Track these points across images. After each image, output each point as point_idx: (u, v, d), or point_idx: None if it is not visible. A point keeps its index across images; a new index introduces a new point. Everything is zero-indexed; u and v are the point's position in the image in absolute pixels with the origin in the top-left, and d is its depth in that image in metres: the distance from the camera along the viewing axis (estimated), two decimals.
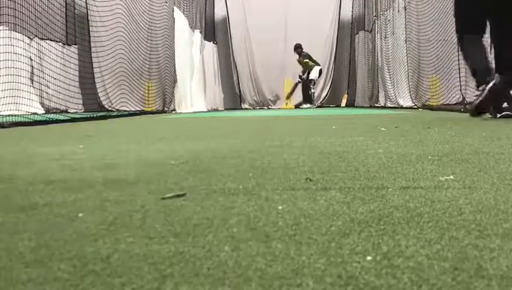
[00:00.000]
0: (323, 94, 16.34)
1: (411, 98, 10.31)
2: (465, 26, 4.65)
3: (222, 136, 3.32)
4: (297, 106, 14.64)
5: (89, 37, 10.12)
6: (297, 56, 14.64)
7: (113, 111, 9.62)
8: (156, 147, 2.50)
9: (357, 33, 15.00)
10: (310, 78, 14.50)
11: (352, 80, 15.34)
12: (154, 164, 1.82)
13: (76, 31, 10.00)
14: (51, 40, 8.73)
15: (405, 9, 10.56)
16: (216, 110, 13.04)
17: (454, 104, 9.12)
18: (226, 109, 14.14)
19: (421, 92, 10.34)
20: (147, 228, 0.92)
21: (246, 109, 15.25)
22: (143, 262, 0.73)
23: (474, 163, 1.67)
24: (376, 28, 12.79)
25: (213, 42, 14.08)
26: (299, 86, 14.78)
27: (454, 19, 4.74)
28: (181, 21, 10.78)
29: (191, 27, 11.43)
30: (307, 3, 15.21)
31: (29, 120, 5.18)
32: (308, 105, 14.26)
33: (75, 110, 8.76)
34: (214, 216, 1.00)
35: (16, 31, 7.98)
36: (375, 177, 1.42)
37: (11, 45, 7.67)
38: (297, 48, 14.64)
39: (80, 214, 1.03)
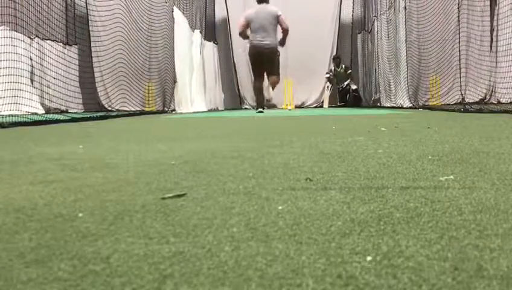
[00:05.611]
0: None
1: (409, 99, 10.31)
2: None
3: (222, 136, 3.33)
4: (297, 107, 14.66)
5: (89, 37, 10.10)
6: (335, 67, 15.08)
7: (113, 111, 9.61)
8: (156, 147, 2.50)
9: (358, 33, 15.00)
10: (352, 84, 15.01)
11: (355, 80, 15.33)
12: (154, 164, 1.82)
13: (77, 31, 9.98)
14: (51, 41, 8.73)
15: (405, 9, 10.55)
16: (216, 110, 13.03)
17: (454, 104, 9.13)
18: (226, 109, 14.13)
19: (421, 93, 10.34)
20: (146, 228, 0.92)
21: (246, 109, 15.23)
22: (143, 262, 0.73)
23: (474, 163, 1.67)
24: (376, 28, 12.78)
25: (213, 42, 14.06)
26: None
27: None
28: (181, 21, 10.77)
29: (191, 27, 11.41)
30: (306, 4, 15.18)
31: (29, 120, 5.17)
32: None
33: (75, 110, 8.76)
34: (214, 216, 1.00)
35: (16, 31, 7.98)
36: (375, 177, 1.42)
37: (11, 45, 7.66)
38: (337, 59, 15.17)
39: (80, 214, 1.03)
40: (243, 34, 9.33)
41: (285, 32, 9.11)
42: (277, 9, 9.23)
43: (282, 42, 9.24)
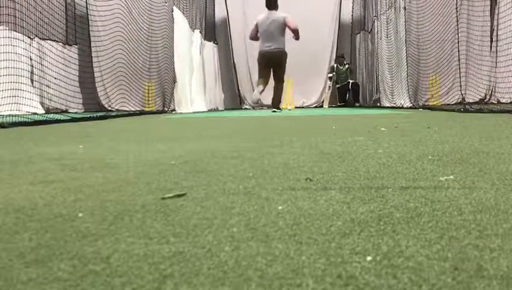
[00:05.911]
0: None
1: (409, 99, 10.31)
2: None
3: (222, 136, 3.32)
4: (297, 107, 14.66)
5: (89, 37, 10.10)
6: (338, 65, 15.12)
7: (113, 111, 9.61)
8: (156, 147, 2.50)
9: (357, 33, 15.01)
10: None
11: (354, 78, 15.36)
12: (154, 164, 1.82)
13: (77, 31, 9.98)
14: (51, 40, 8.73)
15: (405, 9, 10.55)
16: (216, 110, 13.02)
17: (454, 104, 9.13)
18: (226, 109, 14.12)
19: (421, 93, 10.33)
20: (146, 228, 0.92)
21: (246, 109, 15.23)
22: (143, 262, 0.73)
23: (474, 163, 1.67)
24: (376, 28, 12.78)
25: (213, 42, 14.06)
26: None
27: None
28: (181, 21, 10.76)
29: (191, 27, 11.41)
30: (306, 4, 15.17)
31: (29, 120, 5.17)
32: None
33: (75, 110, 8.76)
34: (214, 216, 1.00)
35: (16, 31, 7.98)
36: (375, 177, 1.42)
37: (11, 45, 7.66)
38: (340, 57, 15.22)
39: (80, 214, 1.03)
40: (253, 38, 9.85)
41: (295, 32, 9.58)
42: (285, 15, 9.61)
43: (297, 37, 9.66)
